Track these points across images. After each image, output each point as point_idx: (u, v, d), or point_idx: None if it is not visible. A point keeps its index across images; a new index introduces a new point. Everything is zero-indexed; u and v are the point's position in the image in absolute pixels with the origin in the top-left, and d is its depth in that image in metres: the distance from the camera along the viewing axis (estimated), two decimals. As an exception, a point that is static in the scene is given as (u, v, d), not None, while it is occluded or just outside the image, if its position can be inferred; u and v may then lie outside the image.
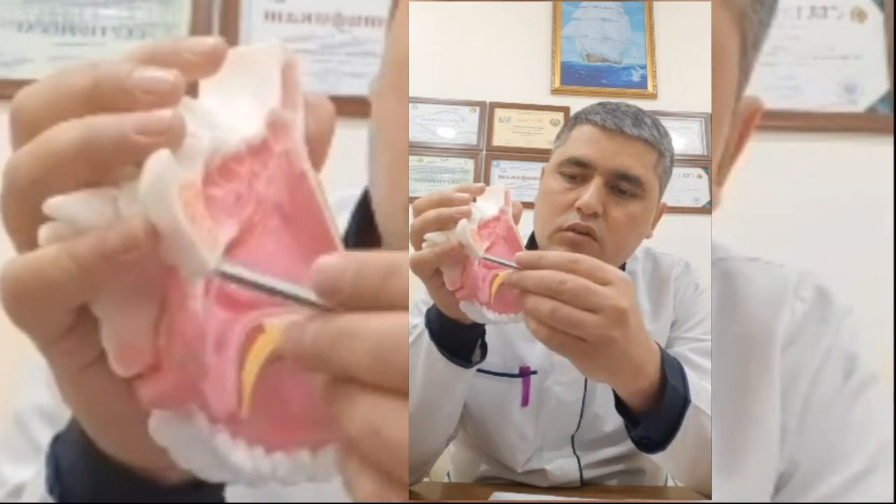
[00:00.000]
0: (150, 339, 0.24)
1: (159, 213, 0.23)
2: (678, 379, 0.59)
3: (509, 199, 0.63)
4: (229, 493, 0.34)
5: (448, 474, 0.99)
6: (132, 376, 0.25)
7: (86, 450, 0.31)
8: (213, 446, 0.24)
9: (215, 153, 0.26)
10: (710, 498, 0.72)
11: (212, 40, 0.27)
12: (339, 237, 0.29)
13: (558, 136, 0.85)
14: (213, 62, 0.27)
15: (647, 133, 0.77)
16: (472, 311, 0.57)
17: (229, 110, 0.28)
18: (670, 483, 0.93)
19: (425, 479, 0.83)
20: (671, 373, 0.58)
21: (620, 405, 0.62)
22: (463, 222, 0.53)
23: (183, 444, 0.24)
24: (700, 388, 0.68)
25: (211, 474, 0.25)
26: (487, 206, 0.60)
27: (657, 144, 0.78)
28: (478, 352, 0.69)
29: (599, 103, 0.82)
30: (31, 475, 0.37)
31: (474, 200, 0.58)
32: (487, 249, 0.57)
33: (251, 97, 0.29)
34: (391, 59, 0.46)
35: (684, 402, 0.59)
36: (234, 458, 0.24)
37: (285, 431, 0.26)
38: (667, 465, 0.69)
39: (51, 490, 0.32)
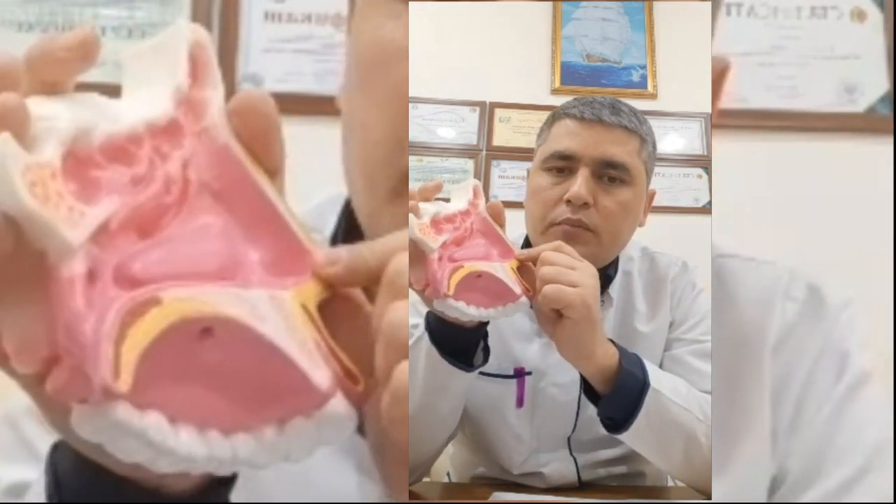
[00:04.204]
0: (44, 332, 0.23)
1: (3, 196, 0.23)
2: (635, 365, 0.67)
3: (479, 192, 0.64)
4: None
5: (448, 474, 0.99)
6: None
7: (83, 458, 0.30)
8: (142, 434, 0.23)
9: (86, 135, 0.25)
10: (702, 492, 0.72)
11: (82, 32, 0.26)
12: (288, 209, 0.29)
13: (539, 135, 0.86)
14: (87, 55, 0.27)
15: (626, 120, 0.79)
16: (448, 309, 0.56)
17: (140, 101, 0.28)
18: (671, 483, 0.92)
19: (425, 479, 0.83)
20: (627, 358, 0.66)
21: (588, 390, 0.69)
22: (410, 218, 0.53)
23: (109, 436, 0.23)
24: (686, 391, 0.69)
25: (160, 465, 0.24)
26: (455, 201, 0.61)
27: (637, 130, 0.80)
28: (479, 355, 0.69)
29: (575, 98, 0.84)
30: (26, 476, 0.37)
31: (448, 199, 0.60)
32: (459, 243, 0.58)
33: (163, 84, 0.29)
34: (355, 57, 0.46)
35: (643, 385, 0.66)
36: (172, 443, 0.23)
37: (244, 410, 0.25)
38: (636, 446, 0.71)
39: (50, 498, 0.32)
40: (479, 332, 0.67)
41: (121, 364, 0.23)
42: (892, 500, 0.49)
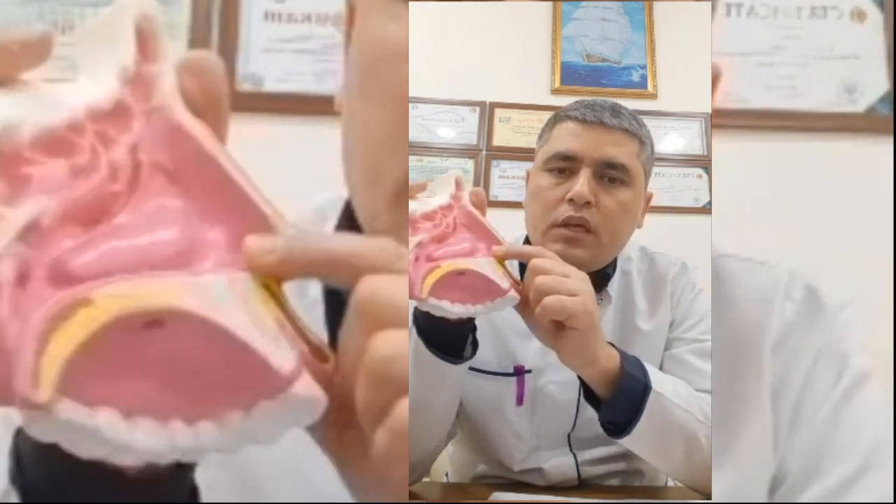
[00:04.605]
0: None
1: None
2: (636, 368, 0.66)
3: (461, 184, 0.62)
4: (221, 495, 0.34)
5: (447, 474, 0.99)
6: None
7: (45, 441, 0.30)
8: (95, 432, 0.22)
9: (11, 132, 0.25)
10: (702, 493, 0.72)
11: (39, 31, 0.26)
12: (250, 182, 0.28)
13: (540, 137, 0.87)
14: (41, 54, 0.26)
15: (626, 123, 0.80)
16: (431, 308, 0.54)
17: (85, 84, 0.27)
18: (670, 483, 0.93)
19: (425, 479, 0.83)
20: (628, 362, 0.66)
21: (589, 394, 0.68)
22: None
23: (61, 436, 0.22)
24: (687, 393, 0.69)
25: (123, 460, 0.23)
26: (436, 196, 0.59)
27: (637, 133, 0.81)
28: (468, 348, 0.69)
29: (576, 101, 0.85)
30: None
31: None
32: (441, 240, 0.56)
33: (109, 63, 0.27)
34: (357, 58, 0.46)
35: (645, 388, 0.65)
36: (128, 438, 0.23)
37: (205, 398, 0.24)
38: (637, 450, 0.71)
39: (12, 481, 0.32)
40: (467, 326, 0.67)
41: (41, 372, 0.21)
42: (891, 500, 0.49)
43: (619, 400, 0.65)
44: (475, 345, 0.70)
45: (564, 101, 0.88)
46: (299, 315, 0.28)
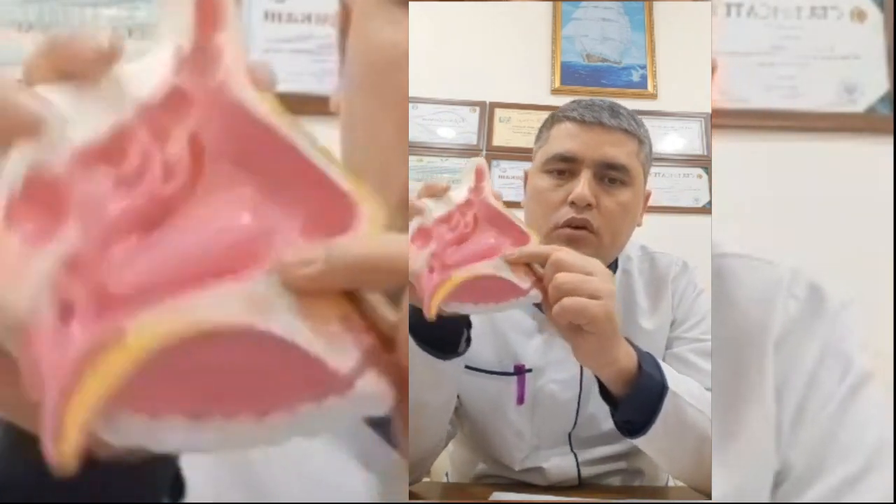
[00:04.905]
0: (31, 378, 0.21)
1: None
2: (653, 367, 0.65)
3: (483, 173, 0.57)
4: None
5: (447, 474, 0.99)
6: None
7: (11, 425, 0.28)
8: (163, 439, 0.22)
9: (48, 155, 0.23)
10: (707, 495, 0.72)
11: (113, 39, 0.25)
12: (328, 156, 0.25)
13: (538, 138, 0.86)
14: (109, 62, 0.25)
15: (625, 123, 0.80)
16: (452, 310, 0.52)
17: (142, 71, 0.25)
18: (671, 483, 0.93)
19: (425, 479, 0.83)
20: (645, 360, 0.64)
21: (604, 393, 0.67)
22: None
23: (133, 441, 0.22)
24: (699, 393, 0.69)
25: (200, 450, 0.23)
26: (455, 191, 0.56)
27: (636, 133, 0.81)
28: (463, 345, 0.68)
29: (574, 101, 0.84)
30: None
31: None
32: (461, 241, 0.53)
33: (167, 43, 0.25)
34: (360, 60, 0.45)
35: (662, 387, 0.64)
36: (198, 438, 0.22)
37: (270, 397, 0.23)
38: (649, 450, 0.71)
39: None
40: (459, 321, 0.66)
41: (65, 426, 0.20)
42: (892, 500, 0.49)
43: (637, 399, 0.64)
44: (469, 340, 0.69)
45: (564, 101, 0.88)
46: (376, 300, 0.26)
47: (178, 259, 0.23)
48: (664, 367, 0.67)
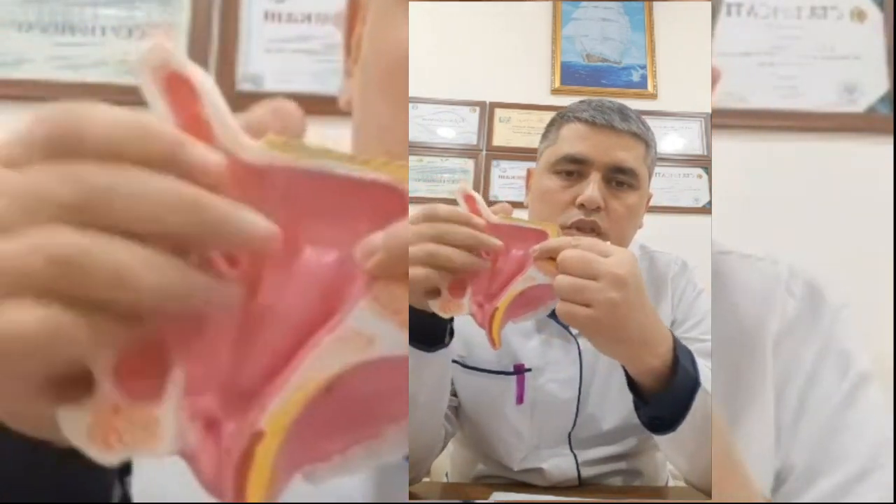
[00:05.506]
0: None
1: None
2: (689, 363, 0.62)
3: (473, 199, 0.58)
4: None
5: (447, 474, 0.99)
6: None
7: None
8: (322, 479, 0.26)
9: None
10: (709, 494, 0.72)
11: (219, 161, 0.24)
12: (357, 168, 0.25)
13: (545, 137, 0.86)
14: (210, 175, 0.24)
15: (634, 126, 0.80)
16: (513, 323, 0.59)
17: None
18: (671, 483, 0.93)
19: (425, 479, 0.83)
20: (683, 355, 0.61)
21: (632, 384, 0.64)
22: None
23: None
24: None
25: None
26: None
27: (644, 136, 0.81)
28: (447, 336, 0.67)
29: (583, 101, 0.84)
30: None
31: None
32: (495, 274, 0.57)
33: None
34: (375, 60, 0.46)
35: (695, 384, 0.61)
36: (350, 466, 0.26)
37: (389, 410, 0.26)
38: (671, 449, 0.69)
39: None
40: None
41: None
42: (892, 500, 0.49)
43: (670, 395, 0.61)
44: (452, 332, 0.68)
45: (564, 101, 0.88)
46: None
47: (279, 337, 0.24)
48: (700, 363, 0.64)
